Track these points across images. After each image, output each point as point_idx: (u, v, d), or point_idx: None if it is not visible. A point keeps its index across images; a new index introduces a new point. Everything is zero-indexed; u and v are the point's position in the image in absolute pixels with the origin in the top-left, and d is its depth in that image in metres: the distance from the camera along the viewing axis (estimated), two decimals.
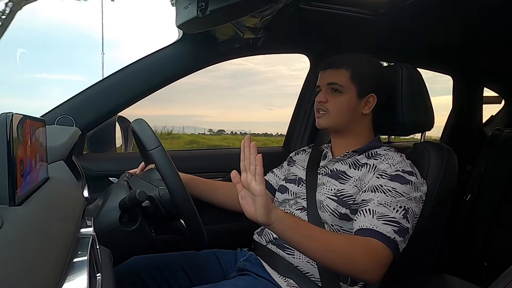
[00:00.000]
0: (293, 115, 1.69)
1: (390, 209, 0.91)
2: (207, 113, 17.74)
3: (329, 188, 1.03)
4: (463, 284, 1.01)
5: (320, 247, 0.81)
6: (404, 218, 0.90)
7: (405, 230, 0.90)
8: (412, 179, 0.96)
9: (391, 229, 0.88)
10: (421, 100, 1.14)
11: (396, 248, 0.88)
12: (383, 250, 0.86)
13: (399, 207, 0.91)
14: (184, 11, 1.04)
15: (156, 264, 1.06)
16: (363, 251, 0.84)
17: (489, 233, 1.81)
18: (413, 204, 0.93)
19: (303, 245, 0.81)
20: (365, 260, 0.83)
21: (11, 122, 0.43)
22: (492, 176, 1.85)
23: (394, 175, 0.96)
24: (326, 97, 1.07)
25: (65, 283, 0.43)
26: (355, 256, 0.83)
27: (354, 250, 0.83)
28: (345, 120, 1.07)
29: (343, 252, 0.83)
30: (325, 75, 1.09)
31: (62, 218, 0.53)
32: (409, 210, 0.92)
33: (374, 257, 0.84)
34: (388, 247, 0.86)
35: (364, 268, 0.83)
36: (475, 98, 2.07)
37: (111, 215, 0.82)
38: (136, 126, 0.91)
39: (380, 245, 0.86)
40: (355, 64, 1.06)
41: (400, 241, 0.89)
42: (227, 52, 1.37)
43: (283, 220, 0.78)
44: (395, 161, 0.99)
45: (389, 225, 0.89)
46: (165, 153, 0.85)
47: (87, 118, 1.24)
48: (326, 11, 1.28)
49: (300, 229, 0.80)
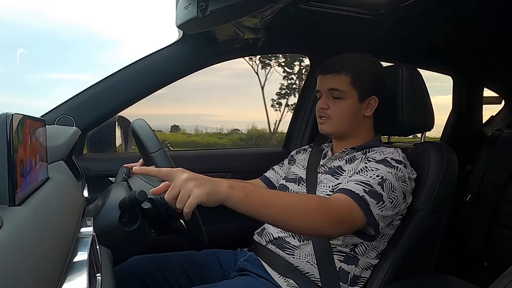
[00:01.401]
0: (293, 115, 1.69)
1: (367, 177, 0.92)
2: (216, 112, 17.66)
3: (327, 185, 1.04)
4: (463, 284, 1.01)
5: (275, 212, 0.78)
6: (379, 185, 0.91)
7: (378, 195, 0.89)
8: (399, 166, 0.96)
9: (361, 188, 0.89)
10: (421, 100, 1.14)
11: (366, 206, 0.87)
12: (349, 205, 0.87)
13: (375, 176, 0.92)
14: (184, 11, 1.04)
15: (156, 264, 1.06)
16: (318, 208, 0.82)
17: (489, 233, 1.81)
18: (393, 178, 0.93)
19: (259, 214, 0.77)
20: (320, 215, 0.81)
21: (11, 122, 0.43)
22: (492, 176, 1.85)
23: (381, 160, 0.97)
24: (327, 104, 1.06)
25: (65, 283, 0.43)
26: (311, 214, 0.81)
27: (308, 208, 0.81)
28: (348, 124, 1.07)
29: (298, 212, 0.80)
30: (325, 80, 1.08)
31: (62, 218, 0.53)
32: (386, 181, 0.92)
33: (332, 212, 0.84)
34: (356, 202, 0.87)
35: (321, 224, 0.82)
36: (475, 98, 2.07)
37: (111, 215, 0.82)
38: (136, 127, 0.91)
39: (345, 199, 0.87)
40: (355, 67, 1.04)
41: (372, 202, 0.88)
42: (227, 52, 1.37)
43: (232, 196, 0.73)
44: (387, 151, 1.00)
45: (360, 185, 0.90)
46: (166, 156, 0.85)
47: (87, 118, 1.24)
48: (326, 11, 1.28)
49: (252, 200, 0.75)
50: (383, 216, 0.91)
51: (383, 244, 1.02)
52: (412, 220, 1.02)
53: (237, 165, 1.53)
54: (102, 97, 1.26)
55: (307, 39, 1.51)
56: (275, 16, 1.14)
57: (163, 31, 4.27)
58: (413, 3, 1.21)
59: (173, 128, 8.57)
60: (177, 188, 0.70)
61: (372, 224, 0.89)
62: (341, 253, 0.98)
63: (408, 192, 0.97)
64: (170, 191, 0.70)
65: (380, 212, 0.90)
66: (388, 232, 1.01)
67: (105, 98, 1.26)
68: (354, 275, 0.98)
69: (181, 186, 0.70)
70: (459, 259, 1.87)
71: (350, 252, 0.98)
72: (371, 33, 1.42)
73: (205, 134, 8.72)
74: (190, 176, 0.71)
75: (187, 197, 0.69)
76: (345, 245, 0.98)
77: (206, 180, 0.72)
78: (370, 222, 0.89)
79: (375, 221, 0.89)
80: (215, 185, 0.71)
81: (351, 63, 1.05)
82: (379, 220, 0.90)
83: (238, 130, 8.94)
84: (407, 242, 1.00)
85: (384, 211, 0.91)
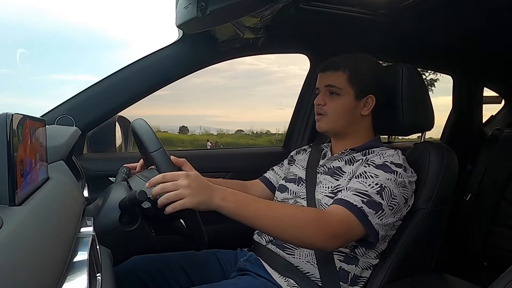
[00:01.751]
0: (293, 115, 1.69)
1: (366, 185, 0.92)
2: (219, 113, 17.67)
3: (326, 186, 1.04)
4: (463, 284, 1.01)
5: (266, 224, 0.82)
6: (378, 194, 0.91)
7: (376, 204, 0.90)
8: (398, 170, 0.96)
9: (359, 199, 0.90)
10: (421, 100, 1.14)
11: (364, 217, 0.88)
12: (346, 218, 0.87)
13: (374, 184, 0.92)
14: (184, 11, 1.04)
15: (156, 264, 1.06)
16: (311, 222, 0.84)
17: (489, 233, 1.81)
18: (392, 185, 0.93)
19: (251, 225, 0.82)
20: (313, 229, 0.83)
21: (11, 122, 0.43)
22: (492, 176, 1.85)
23: (380, 164, 0.97)
24: (324, 100, 1.07)
25: (65, 283, 0.43)
26: (302, 228, 0.83)
27: (300, 222, 0.84)
28: (344, 122, 1.07)
29: (289, 225, 0.83)
30: (323, 77, 1.09)
31: (62, 218, 0.53)
32: (385, 189, 0.92)
33: (327, 226, 0.85)
34: (354, 214, 0.87)
35: (314, 237, 0.84)
36: (475, 98, 2.07)
37: (111, 215, 0.82)
38: (136, 127, 0.91)
39: (342, 211, 0.88)
40: (353, 66, 1.05)
41: (370, 213, 0.89)
42: (227, 52, 1.37)
43: (223, 208, 0.79)
44: (387, 154, 1.00)
45: (358, 196, 0.90)
46: (166, 155, 0.85)
47: (87, 118, 1.24)
48: (326, 11, 1.28)
49: (243, 213, 0.80)
50: (384, 225, 0.91)
51: (384, 244, 1.02)
52: (412, 220, 1.02)
53: (237, 165, 1.53)
54: (102, 97, 1.26)
55: (307, 39, 1.51)
56: (275, 16, 1.14)
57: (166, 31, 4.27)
58: (413, 3, 1.21)
59: (181, 129, 8.51)
60: (172, 186, 0.76)
61: (371, 234, 0.90)
62: (341, 253, 0.98)
63: (409, 196, 0.97)
64: (164, 186, 0.76)
65: (379, 221, 0.90)
66: (389, 233, 1.01)
67: (105, 98, 1.26)
68: (354, 275, 0.98)
69: (177, 187, 0.75)
70: (459, 259, 1.87)
71: (350, 252, 0.98)
72: (371, 33, 1.42)
73: (236, 135, 8.70)
74: (190, 184, 0.77)
75: (176, 199, 0.75)
76: (345, 246, 0.98)
77: (203, 190, 0.77)
78: (369, 232, 0.89)
79: (374, 231, 0.90)
80: (209, 196, 0.78)
81: (349, 62, 1.06)
82: (379, 229, 0.91)
83: (269, 131, 8.84)
84: (407, 242, 1.00)
85: (384, 219, 0.91)
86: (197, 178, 0.79)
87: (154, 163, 0.85)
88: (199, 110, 15.78)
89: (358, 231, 0.89)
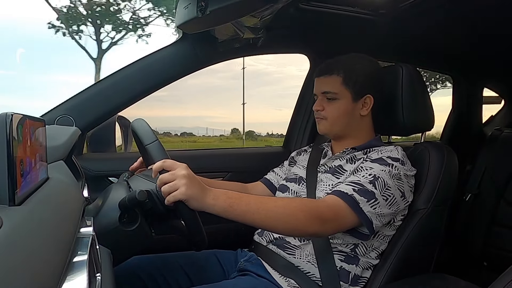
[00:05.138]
0: (293, 115, 1.69)
1: (359, 176, 0.94)
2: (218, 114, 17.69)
3: (326, 184, 1.04)
4: (463, 284, 1.01)
5: (259, 218, 0.83)
6: (370, 183, 0.92)
7: (368, 192, 0.91)
8: (394, 164, 0.96)
9: (350, 188, 0.91)
10: (421, 100, 1.14)
11: (355, 204, 0.89)
12: (336, 204, 0.89)
13: (368, 175, 0.94)
14: (184, 11, 1.04)
15: (156, 264, 1.06)
16: (300, 208, 0.85)
17: (489, 233, 1.81)
18: (386, 176, 0.94)
19: (244, 221, 0.83)
20: (302, 214, 0.84)
21: (11, 122, 0.43)
22: (492, 176, 1.85)
23: (377, 158, 0.98)
24: (322, 105, 1.08)
25: (65, 283, 0.43)
26: (292, 215, 0.84)
27: (289, 210, 0.85)
28: (343, 124, 1.08)
29: (281, 215, 0.84)
30: (319, 82, 1.10)
31: (62, 218, 0.53)
32: (378, 179, 0.93)
33: (315, 211, 0.86)
34: (345, 201, 0.89)
35: (304, 223, 0.85)
36: (475, 98, 2.07)
37: (111, 215, 0.82)
38: (135, 125, 0.91)
39: (333, 199, 0.90)
40: (347, 67, 1.05)
41: (362, 200, 0.89)
42: (227, 52, 1.37)
43: (214, 207, 0.79)
44: (386, 149, 1.01)
45: (350, 185, 0.92)
46: (162, 148, 0.85)
47: (87, 118, 1.24)
48: (326, 11, 1.28)
49: (235, 209, 0.81)
50: (378, 214, 0.91)
51: (384, 244, 1.02)
52: (412, 220, 1.02)
53: (237, 165, 1.53)
54: (102, 97, 1.26)
55: (306, 39, 1.51)
56: (275, 16, 1.14)
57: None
58: (413, 3, 1.21)
59: (183, 132, 8.52)
60: (172, 176, 0.77)
61: (364, 222, 0.90)
62: (341, 252, 0.98)
63: (406, 190, 0.97)
64: (166, 175, 0.77)
65: (372, 210, 0.90)
66: (389, 233, 1.01)
67: (105, 98, 1.26)
68: (354, 274, 0.98)
69: (176, 177, 0.76)
70: (459, 259, 1.86)
71: (351, 252, 0.98)
72: (371, 33, 1.42)
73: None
74: (188, 175, 0.77)
75: (174, 189, 0.76)
76: (345, 245, 0.98)
77: (198, 186, 0.78)
78: (362, 220, 0.90)
79: (367, 219, 0.90)
80: (202, 193, 0.78)
81: (343, 64, 1.07)
82: (372, 218, 0.91)
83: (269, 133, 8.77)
84: (407, 242, 1.00)
85: (378, 208, 0.91)
86: (193, 174, 0.81)
87: (150, 155, 0.85)
88: (199, 111, 15.79)
89: (349, 218, 0.90)
